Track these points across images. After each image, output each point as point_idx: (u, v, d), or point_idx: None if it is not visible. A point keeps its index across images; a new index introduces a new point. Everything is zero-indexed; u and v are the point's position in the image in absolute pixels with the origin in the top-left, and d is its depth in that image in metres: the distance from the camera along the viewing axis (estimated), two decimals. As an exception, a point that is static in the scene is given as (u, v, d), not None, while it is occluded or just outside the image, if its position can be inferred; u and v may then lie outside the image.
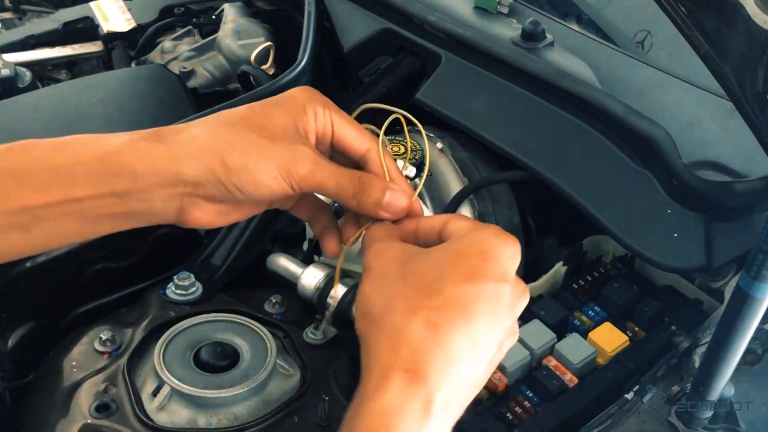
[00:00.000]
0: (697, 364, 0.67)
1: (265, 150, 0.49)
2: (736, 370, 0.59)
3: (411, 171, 0.62)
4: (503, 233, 0.49)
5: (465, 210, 0.86)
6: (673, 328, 0.71)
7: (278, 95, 0.53)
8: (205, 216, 0.51)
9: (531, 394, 0.73)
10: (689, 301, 0.80)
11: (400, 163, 0.60)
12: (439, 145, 0.92)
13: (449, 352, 0.45)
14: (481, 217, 0.87)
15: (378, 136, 0.55)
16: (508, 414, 0.71)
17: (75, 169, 0.48)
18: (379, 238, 0.52)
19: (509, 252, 0.48)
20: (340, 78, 1.15)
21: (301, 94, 0.53)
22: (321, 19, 1.11)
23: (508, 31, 1.02)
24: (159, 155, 0.48)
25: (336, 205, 0.62)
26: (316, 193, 0.56)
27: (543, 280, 0.83)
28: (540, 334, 0.76)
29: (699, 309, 0.78)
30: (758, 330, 0.64)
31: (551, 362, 0.74)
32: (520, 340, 0.76)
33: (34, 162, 0.48)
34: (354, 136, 0.54)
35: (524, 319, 0.80)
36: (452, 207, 0.84)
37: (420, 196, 0.86)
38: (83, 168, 0.48)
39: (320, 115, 0.52)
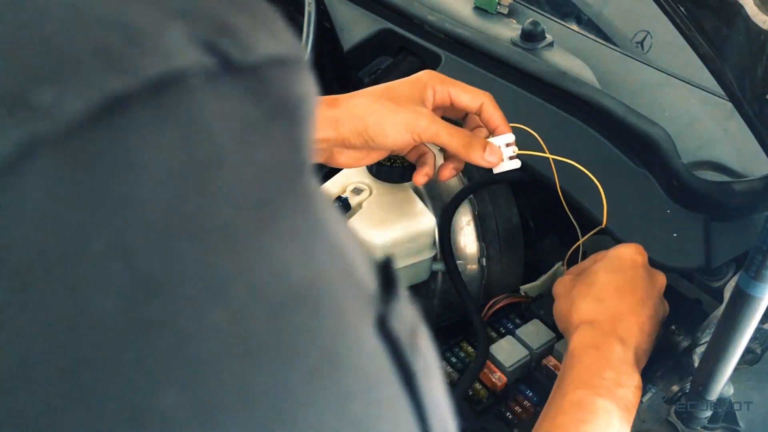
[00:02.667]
0: (696, 364, 0.67)
1: (393, 112, 0.68)
2: (735, 369, 0.58)
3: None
4: (630, 244, 0.71)
5: (465, 210, 0.86)
6: (673, 327, 0.71)
7: (408, 77, 0.72)
8: (346, 160, 0.72)
9: (531, 394, 0.73)
10: (688, 300, 0.80)
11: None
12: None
13: (610, 310, 0.66)
14: (480, 217, 0.87)
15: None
16: (508, 413, 0.71)
17: None
18: (559, 274, 0.80)
19: (635, 250, 0.70)
20: (340, 78, 1.15)
21: (423, 76, 0.71)
22: (321, 19, 1.11)
23: (507, 31, 1.01)
24: (328, 117, 0.67)
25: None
26: (429, 143, 0.74)
27: (542, 280, 0.83)
28: (540, 333, 0.76)
29: (698, 309, 0.78)
30: (758, 330, 0.64)
31: (551, 362, 0.74)
32: (519, 340, 0.76)
33: None
34: (469, 98, 0.71)
35: (524, 318, 0.80)
36: (452, 207, 0.84)
37: (420, 195, 0.86)
38: None
39: (438, 91, 0.70)
